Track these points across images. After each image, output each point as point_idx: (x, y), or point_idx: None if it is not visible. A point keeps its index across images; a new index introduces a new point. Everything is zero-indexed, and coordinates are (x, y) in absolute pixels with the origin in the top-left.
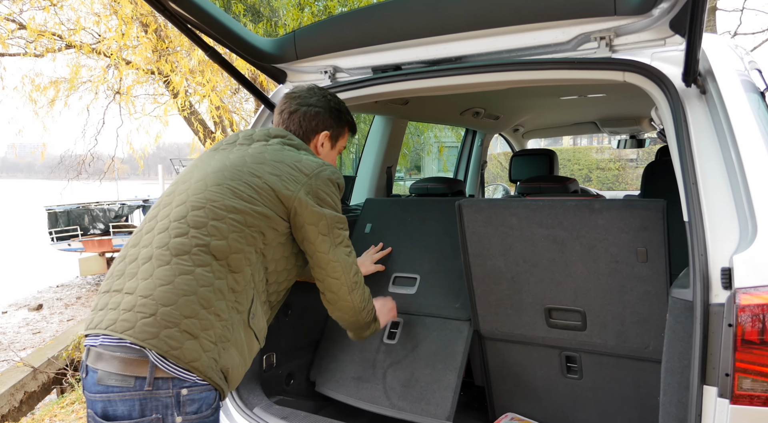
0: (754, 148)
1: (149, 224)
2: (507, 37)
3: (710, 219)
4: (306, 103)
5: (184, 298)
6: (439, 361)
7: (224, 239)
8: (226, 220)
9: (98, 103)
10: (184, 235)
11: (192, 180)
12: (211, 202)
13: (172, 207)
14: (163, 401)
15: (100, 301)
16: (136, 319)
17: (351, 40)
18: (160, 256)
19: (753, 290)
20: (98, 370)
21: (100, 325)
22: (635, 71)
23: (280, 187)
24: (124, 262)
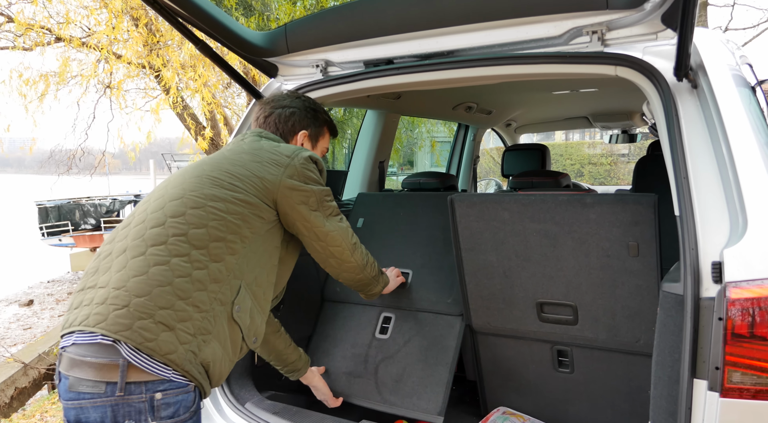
0: (745, 143)
1: (125, 222)
2: (499, 31)
3: (701, 213)
4: (280, 105)
5: (158, 288)
6: (431, 357)
7: (203, 227)
8: (205, 208)
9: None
10: (161, 226)
11: (168, 186)
12: (189, 191)
13: (150, 203)
14: (135, 406)
15: (75, 300)
16: (108, 311)
17: (343, 34)
18: (135, 248)
19: (743, 284)
20: (70, 377)
21: (74, 323)
22: (627, 65)
23: (263, 172)
24: (99, 258)
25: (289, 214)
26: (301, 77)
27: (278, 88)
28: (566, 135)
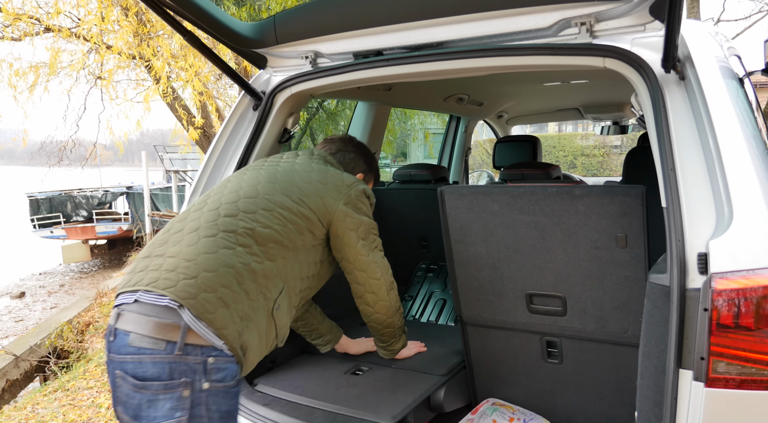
0: (732, 135)
1: (197, 206)
2: (488, 22)
3: (688, 205)
4: (345, 148)
5: (224, 268)
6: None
7: (268, 228)
8: (274, 212)
9: (79, 89)
10: (233, 216)
11: (243, 183)
12: (263, 194)
13: (224, 194)
14: (191, 366)
15: (139, 265)
16: (178, 278)
17: (332, 25)
18: (208, 229)
19: (729, 275)
20: (130, 333)
21: (140, 282)
22: (615, 57)
23: (326, 194)
24: (169, 232)
25: (339, 237)
26: (291, 69)
27: (267, 80)
28: (559, 126)
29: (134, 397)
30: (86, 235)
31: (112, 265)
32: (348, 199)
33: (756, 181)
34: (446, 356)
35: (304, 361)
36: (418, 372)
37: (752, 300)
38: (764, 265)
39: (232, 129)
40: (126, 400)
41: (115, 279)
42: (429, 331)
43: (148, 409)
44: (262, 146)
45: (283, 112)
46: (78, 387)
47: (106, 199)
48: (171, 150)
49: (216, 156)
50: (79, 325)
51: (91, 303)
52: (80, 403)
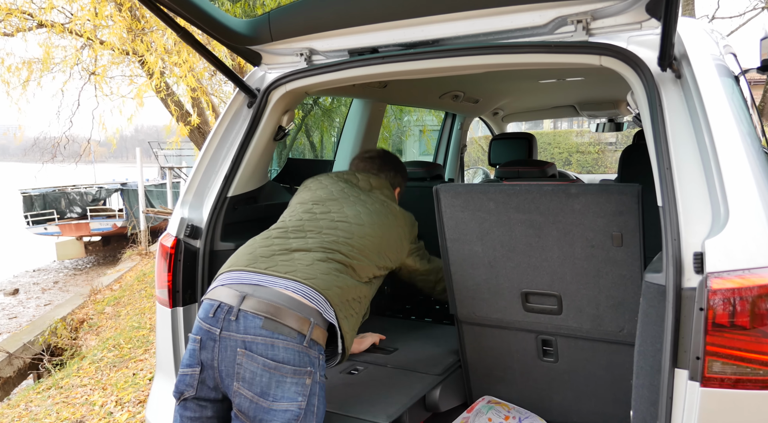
0: (728, 134)
1: (310, 225)
2: (484, 19)
3: (683, 204)
4: (390, 167)
5: (346, 290)
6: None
7: (365, 258)
8: (381, 251)
9: (73, 85)
10: (347, 245)
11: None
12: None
13: (332, 212)
14: (312, 359)
15: (260, 250)
16: (315, 274)
17: (327, 22)
18: (325, 247)
19: (724, 274)
20: (263, 317)
21: (273, 268)
22: (611, 55)
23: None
24: (287, 236)
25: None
26: (285, 66)
27: (262, 77)
28: (554, 123)
29: (263, 376)
30: (80, 231)
31: (107, 261)
32: (414, 230)
33: (752, 180)
34: (442, 355)
35: None
36: (413, 371)
37: (748, 299)
38: (760, 264)
39: (227, 126)
40: (252, 377)
41: (109, 276)
42: (425, 330)
43: (276, 389)
44: (257, 144)
45: (278, 109)
46: (72, 384)
47: (101, 196)
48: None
49: (210, 153)
50: (73, 322)
51: (86, 300)
52: (74, 400)
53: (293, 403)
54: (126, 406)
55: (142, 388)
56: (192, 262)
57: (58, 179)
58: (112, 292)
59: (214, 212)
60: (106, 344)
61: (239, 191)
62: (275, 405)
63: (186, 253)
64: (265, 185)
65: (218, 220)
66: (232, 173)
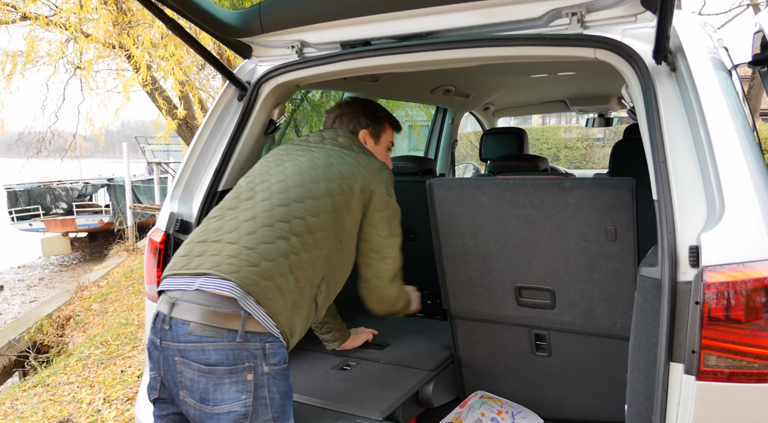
0: (723, 127)
1: (246, 193)
2: (478, 12)
3: (679, 197)
4: (342, 111)
5: (280, 258)
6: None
7: (317, 216)
8: (321, 199)
9: (58, 79)
10: (286, 206)
11: (287, 171)
12: (309, 182)
13: (272, 182)
14: (252, 352)
15: (196, 249)
16: (242, 265)
17: (319, 14)
18: (265, 218)
19: (720, 268)
20: (190, 322)
21: (201, 266)
22: (606, 48)
23: (364, 178)
24: (222, 220)
25: (365, 217)
26: (276, 58)
27: (252, 70)
28: (543, 119)
29: (200, 382)
30: (66, 227)
31: (93, 258)
32: (382, 180)
33: (747, 173)
34: (434, 351)
35: (291, 356)
36: (406, 367)
37: (743, 293)
38: (755, 257)
39: (217, 120)
40: (191, 384)
41: (96, 272)
42: (417, 325)
43: (215, 392)
44: (248, 137)
45: (269, 102)
46: (58, 382)
47: (87, 192)
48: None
49: (200, 147)
50: (60, 319)
51: (72, 297)
52: (61, 398)
53: (236, 403)
54: (114, 404)
55: (130, 385)
56: None
57: (44, 175)
58: (99, 288)
59: (204, 207)
60: (94, 341)
61: (229, 185)
62: (217, 409)
63: (176, 248)
64: None
65: (208, 214)
66: (223, 167)
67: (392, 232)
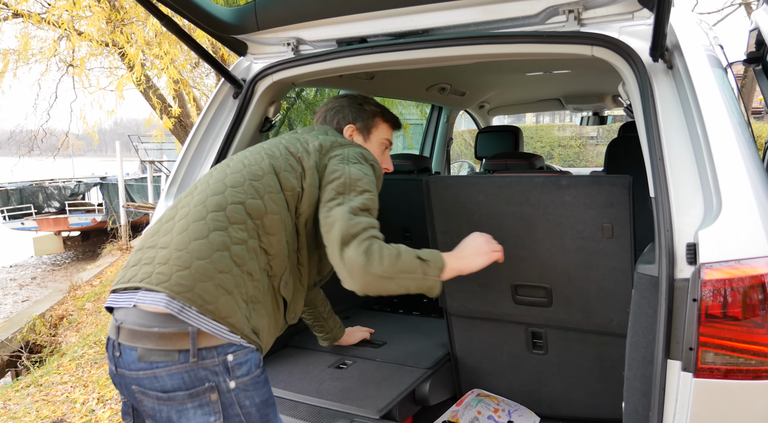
0: (720, 125)
1: (187, 192)
2: (475, 9)
3: (676, 194)
4: (329, 106)
5: (218, 253)
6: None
7: (260, 199)
8: (263, 180)
9: (50, 76)
10: (220, 194)
11: (231, 162)
12: (249, 165)
13: (212, 175)
14: (211, 369)
15: (133, 258)
16: (171, 271)
17: (315, 11)
18: (197, 213)
19: (717, 265)
20: (137, 348)
21: (133, 278)
22: (604, 46)
23: (312, 150)
24: (160, 222)
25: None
26: (272, 56)
27: (248, 67)
28: (537, 117)
29: (161, 410)
30: (59, 226)
31: (86, 257)
32: (341, 152)
33: (744, 170)
34: (431, 349)
35: (287, 354)
36: (402, 365)
37: (740, 290)
38: (752, 255)
39: (212, 117)
40: (154, 413)
41: (89, 271)
42: (413, 324)
43: (180, 419)
44: (243, 135)
45: (264, 100)
46: (51, 382)
47: (79, 190)
48: (146, 140)
49: (195, 145)
50: (52, 318)
51: (65, 296)
52: (54, 398)
53: None
54: (108, 404)
55: None
56: None
57: (36, 173)
58: (92, 287)
59: None
60: (87, 341)
61: None
62: None
63: None
64: None
65: None
66: None
67: (344, 201)
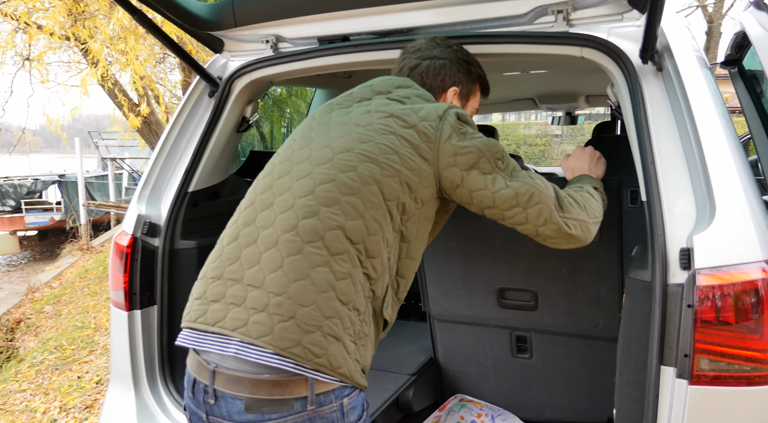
0: (712, 128)
1: (264, 197)
2: (461, 7)
3: (668, 198)
4: (429, 55)
5: (323, 295)
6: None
7: (360, 218)
8: (361, 193)
9: (6, 70)
10: (314, 216)
11: (313, 146)
12: (342, 172)
13: (293, 179)
14: (328, 417)
15: (211, 290)
16: (272, 322)
17: (295, 7)
18: (289, 243)
19: (712, 270)
20: (244, 398)
21: (222, 323)
22: (593, 47)
23: (418, 140)
24: (237, 243)
25: (462, 186)
26: (250, 53)
27: (224, 65)
28: (503, 115)
29: None
30: (14, 225)
31: (44, 257)
32: (448, 131)
33: (736, 174)
34: (413, 354)
35: None
36: (386, 372)
37: (734, 295)
38: (745, 259)
39: (186, 117)
40: None
41: (48, 272)
42: (396, 328)
43: None
44: (219, 136)
45: (242, 99)
46: (9, 390)
47: (36, 188)
48: (107, 137)
49: (169, 146)
50: (9, 322)
51: (22, 299)
52: (12, 407)
53: None
54: (71, 412)
55: (88, 393)
56: (150, 262)
57: None
58: (51, 289)
59: (173, 208)
60: (47, 346)
61: (200, 186)
62: None
63: (144, 253)
64: (227, 179)
65: (178, 216)
66: (193, 167)
67: (507, 175)
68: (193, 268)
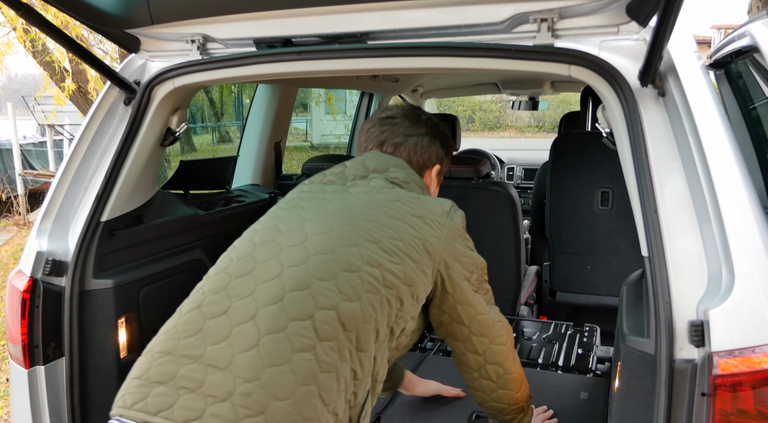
0: (728, 171)
1: (242, 264)
2: (425, 11)
3: (673, 257)
4: (414, 132)
5: (303, 388)
6: None
7: (357, 300)
8: (361, 272)
9: None
10: (305, 289)
11: (306, 215)
12: (341, 245)
13: (282, 246)
14: None
15: (158, 368)
16: (236, 416)
17: (224, 3)
18: (271, 318)
19: (734, 354)
20: None
21: (167, 412)
22: (584, 65)
23: (426, 232)
24: (200, 312)
25: (450, 293)
26: (172, 54)
27: (142, 67)
28: None
29: None
30: None
31: None
32: (455, 232)
33: (757, 231)
34: None
35: None
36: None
37: (759, 383)
38: None
39: (97, 129)
40: None
41: None
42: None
43: None
44: (139, 151)
45: (165, 108)
46: None
47: None
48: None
49: (76, 165)
50: None
51: None
52: None
53: None
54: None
55: None
56: (55, 307)
57: None
58: None
59: (83, 242)
60: None
61: (117, 213)
62: None
63: (46, 297)
64: (152, 199)
65: (89, 251)
66: (107, 190)
67: (486, 299)
68: (110, 311)
